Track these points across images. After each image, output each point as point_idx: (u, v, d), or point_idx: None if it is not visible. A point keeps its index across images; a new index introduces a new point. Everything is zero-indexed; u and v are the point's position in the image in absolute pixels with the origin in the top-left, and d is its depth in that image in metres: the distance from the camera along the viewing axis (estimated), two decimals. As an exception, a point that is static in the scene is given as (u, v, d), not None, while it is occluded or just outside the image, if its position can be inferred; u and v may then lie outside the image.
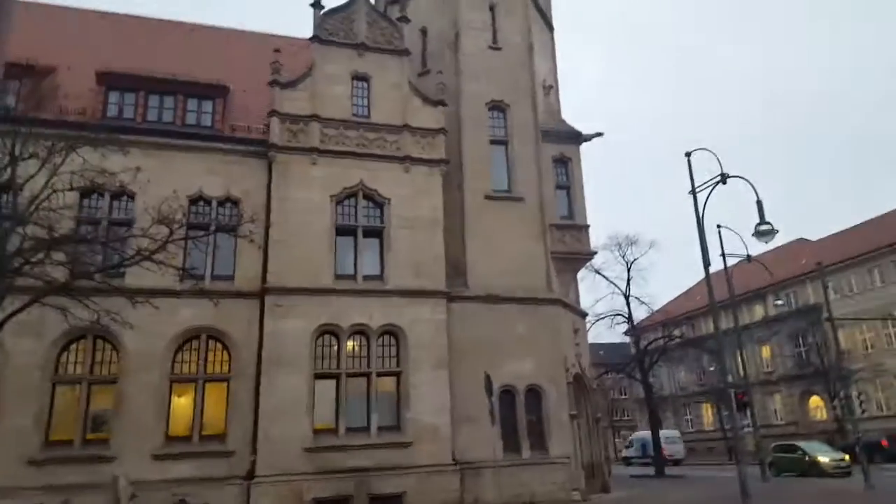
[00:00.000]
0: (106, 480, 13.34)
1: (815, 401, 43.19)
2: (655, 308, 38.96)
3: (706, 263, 14.28)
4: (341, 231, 17.37)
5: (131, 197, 15.88)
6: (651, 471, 32.48)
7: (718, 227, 21.99)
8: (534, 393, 18.02)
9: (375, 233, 17.71)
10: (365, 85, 18.84)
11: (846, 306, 37.87)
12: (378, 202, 17.92)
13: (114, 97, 17.44)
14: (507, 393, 17.71)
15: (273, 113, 17.56)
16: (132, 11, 24.05)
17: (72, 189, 12.60)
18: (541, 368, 18.05)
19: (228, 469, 14.92)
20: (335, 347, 16.39)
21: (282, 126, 17.54)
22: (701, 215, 14.46)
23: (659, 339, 37.57)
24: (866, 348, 40.13)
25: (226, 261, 16.50)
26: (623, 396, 67.04)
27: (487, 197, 19.40)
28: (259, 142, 17.48)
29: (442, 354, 16.91)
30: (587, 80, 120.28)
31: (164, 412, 15.15)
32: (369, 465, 15.49)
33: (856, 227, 45.85)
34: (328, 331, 16.40)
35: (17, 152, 11.59)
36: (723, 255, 21.69)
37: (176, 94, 17.85)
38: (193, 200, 16.65)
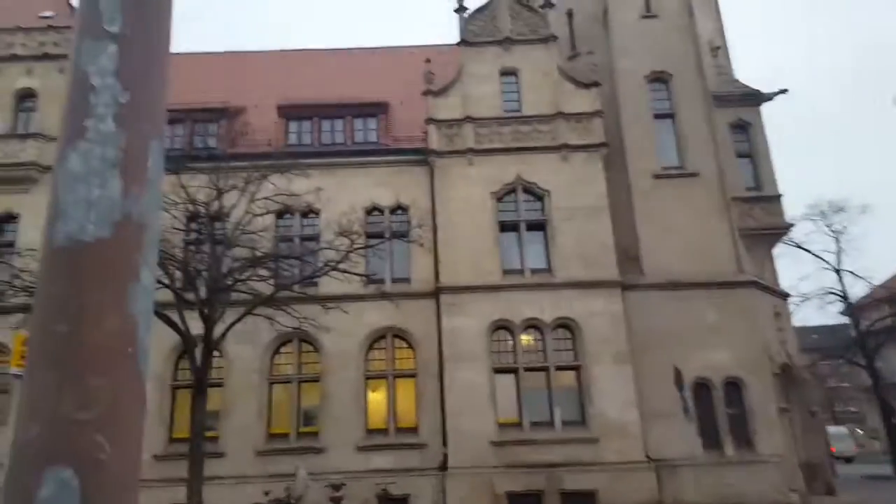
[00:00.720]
0: (318, 470, 14.79)
1: None
2: (877, 282, 33.39)
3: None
4: (504, 227, 17.46)
5: (316, 214, 17.55)
6: (889, 470, 27.84)
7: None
8: (733, 386, 16.49)
9: (538, 226, 17.53)
10: (514, 79, 18.76)
11: None
12: (538, 194, 17.69)
13: (293, 126, 19.39)
14: (702, 386, 16.43)
15: (429, 121, 18.24)
16: (300, 47, 26.45)
17: (267, 212, 14.28)
18: (738, 358, 16.47)
19: (423, 461, 15.73)
20: (510, 342, 16.52)
21: (438, 132, 18.14)
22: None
23: (886, 317, 32.15)
24: None
25: (402, 264, 17.54)
26: (844, 384, 58.45)
27: (656, 176, 18.14)
28: (419, 150, 18.26)
29: (622, 346, 16.24)
30: (765, 32, 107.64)
31: (363, 407, 16.38)
32: (557, 460, 15.31)
33: None
34: (502, 326, 16.56)
35: (220, 185, 13.37)
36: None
37: (344, 116, 19.36)
38: (369, 211, 17.94)
